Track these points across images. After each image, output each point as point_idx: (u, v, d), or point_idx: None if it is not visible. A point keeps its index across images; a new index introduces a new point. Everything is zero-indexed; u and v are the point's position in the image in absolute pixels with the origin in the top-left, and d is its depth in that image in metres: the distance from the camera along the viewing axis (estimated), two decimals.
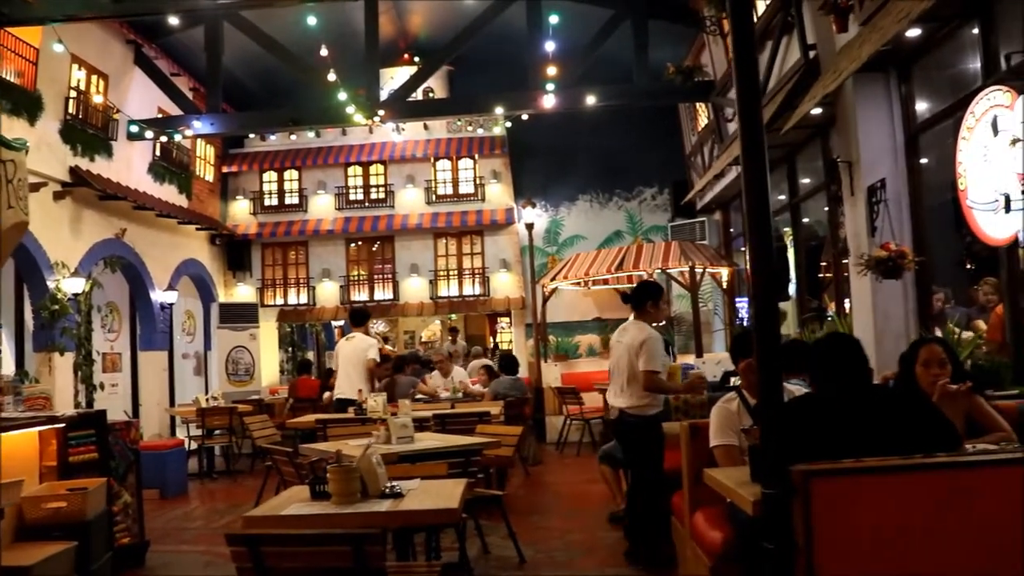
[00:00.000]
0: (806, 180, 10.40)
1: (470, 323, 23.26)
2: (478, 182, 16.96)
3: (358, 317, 10.96)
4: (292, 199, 17.39)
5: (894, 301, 7.55)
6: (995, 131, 5.38)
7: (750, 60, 2.78)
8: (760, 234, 2.61)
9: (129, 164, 13.31)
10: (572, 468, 11.29)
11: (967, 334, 6.57)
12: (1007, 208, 5.28)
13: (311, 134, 16.89)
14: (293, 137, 16.71)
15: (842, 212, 8.58)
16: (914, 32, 6.71)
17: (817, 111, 8.32)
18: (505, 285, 16.60)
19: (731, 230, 14.69)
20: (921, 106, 7.51)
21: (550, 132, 15.61)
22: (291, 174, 17.47)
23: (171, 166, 14.70)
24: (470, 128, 16.90)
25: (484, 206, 16.82)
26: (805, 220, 10.75)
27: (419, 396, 11.12)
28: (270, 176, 17.51)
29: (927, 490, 2.63)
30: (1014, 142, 5.19)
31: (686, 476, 4.77)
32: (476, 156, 16.96)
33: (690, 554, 4.72)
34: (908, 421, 3.08)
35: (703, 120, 14.21)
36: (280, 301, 17.26)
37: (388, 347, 22.80)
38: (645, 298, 6.39)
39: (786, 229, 10.96)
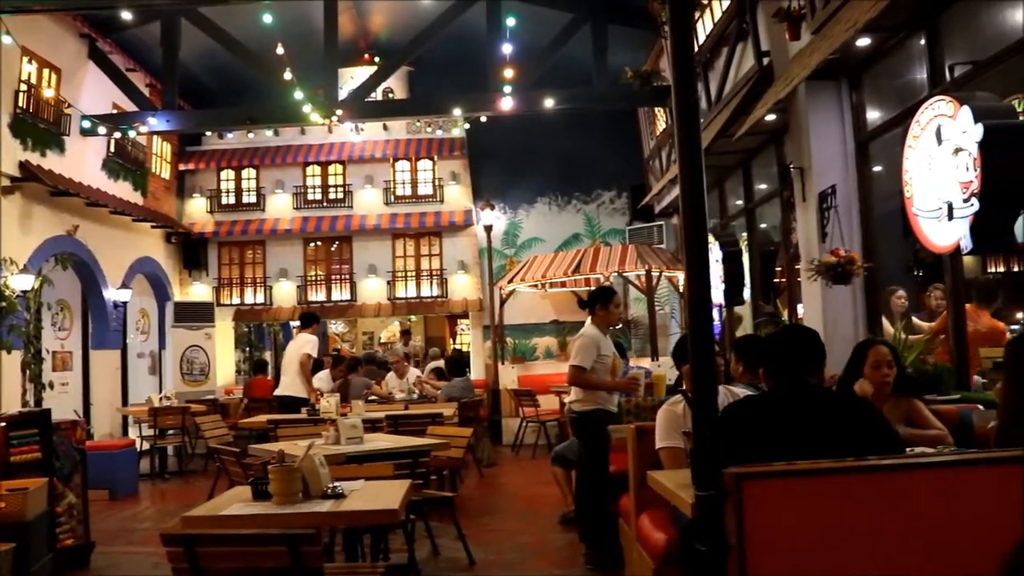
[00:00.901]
0: (763, 186, 10.51)
1: (430, 324, 23.20)
2: (437, 183, 16.92)
3: (305, 319, 11.08)
4: (249, 198, 17.22)
5: (843, 306, 7.66)
6: (939, 140, 5.48)
7: (688, 80, 2.81)
8: (696, 240, 2.64)
9: (82, 160, 13.10)
10: (527, 470, 11.31)
11: (914, 336, 6.70)
12: (950, 216, 5.38)
13: (269, 133, 16.77)
14: (251, 136, 16.56)
15: (794, 218, 8.69)
16: (864, 42, 6.83)
17: (771, 117, 8.43)
18: (463, 287, 16.59)
19: None
20: (871, 115, 7.63)
21: (510, 134, 15.63)
22: (249, 173, 17.29)
23: (126, 163, 14.49)
24: (429, 129, 16.88)
25: (443, 207, 16.79)
26: (763, 226, 10.87)
27: (372, 398, 11.08)
28: (227, 174, 17.32)
29: (859, 492, 2.66)
30: (956, 151, 5.29)
31: (633, 478, 4.80)
32: (435, 157, 16.93)
33: (636, 556, 4.75)
34: (850, 425, 3.12)
35: (661, 124, 14.31)
36: (236, 300, 17.08)
37: (346, 347, 22.72)
38: (594, 302, 6.64)
39: (743, 234, 11.07)
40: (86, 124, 12.46)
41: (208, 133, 16.73)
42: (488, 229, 15.65)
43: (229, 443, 9.09)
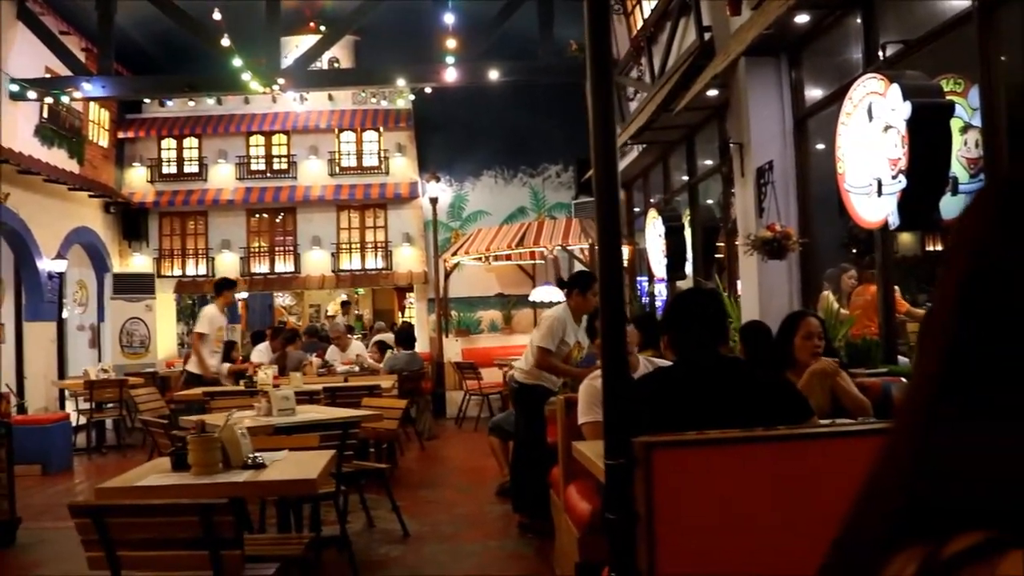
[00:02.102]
0: (708, 161, 10.56)
1: (378, 297, 23.08)
2: (383, 155, 16.76)
3: (216, 286, 10.52)
4: (191, 167, 16.91)
5: (779, 281, 7.73)
6: (870, 117, 5.55)
7: (606, 78, 2.78)
8: (607, 209, 2.64)
9: (13, 126, 12.69)
10: (468, 443, 11.33)
11: (844, 311, 6.84)
12: (879, 193, 5.46)
13: (211, 101, 16.43)
14: (192, 104, 16.21)
15: (733, 193, 8.75)
16: (802, 18, 6.86)
17: (713, 93, 8.46)
18: (408, 259, 16.51)
19: (635, 209, 14.85)
20: (809, 92, 7.69)
21: (456, 107, 15.51)
22: (191, 142, 16.97)
23: (60, 130, 14.09)
24: (374, 100, 16.69)
25: (388, 179, 16.65)
26: (709, 201, 10.93)
27: (321, 369, 10.98)
28: (169, 143, 16.97)
29: (768, 462, 2.69)
30: (886, 128, 5.36)
31: (561, 449, 4.83)
32: (381, 128, 16.76)
33: (564, 525, 4.79)
34: (760, 394, 3.15)
35: None
36: (178, 272, 16.82)
37: (292, 320, 22.53)
38: (572, 285, 6.56)
39: (686, 209, 11.13)
40: (14, 88, 12.07)
41: (147, 101, 16.35)
42: (434, 202, 15.57)
43: (165, 416, 8.95)
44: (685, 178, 11.29)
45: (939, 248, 7.98)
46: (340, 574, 5.42)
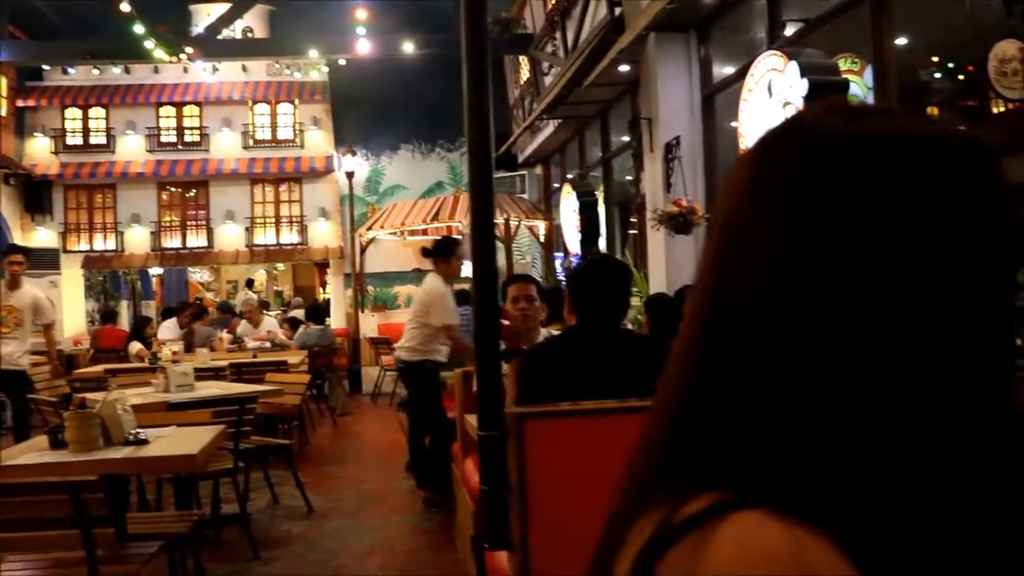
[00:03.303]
0: (625, 137, 10.60)
1: (298, 273, 22.76)
2: (298, 128, 16.49)
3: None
4: (98, 138, 16.40)
5: (685, 256, 7.82)
6: (770, 93, 5.64)
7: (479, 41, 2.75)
8: (480, 181, 2.62)
9: None
10: (381, 419, 11.23)
11: None
12: None
13: (118, 70, 15.90)
14: (97, 72, 15.66)
15: (643, 168, 8.82)
16: None
17: (625, 69, 8.50)
18: (324, 234, 16.30)
19: (554, 184, 14.89)
20: (718, 68, 7.78)
21: (373, 80, 15.33)
22: (97, 112, 16.44)
23: None
24: (288, 71, 16.39)
25: (303, 153, 16.39)
26: (628, 178, 10.99)
27: (231, 345, 10.77)
28: (73, 113, 16.41)
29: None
30: (785, 105, 5.45)
31: (459, 422, 4.83)
32: (296, 101, 16.47)
33: (462, 499, 4.79)
34: (646, 364, 3.15)
35: (525, 74, 14.27)
36: (85, 247, 16.32)
37: (210, 296, 22.09)
38: (436, 254, 6.52)
39: (601, 185, 11.19)
40: None
41: (47, 68, 15.74)
42: (350, 176, 15.33)
43: (65, 395, 8.65)
44: (600, 153, 11.36)
45: None
46: (240, 551, 5.34)
